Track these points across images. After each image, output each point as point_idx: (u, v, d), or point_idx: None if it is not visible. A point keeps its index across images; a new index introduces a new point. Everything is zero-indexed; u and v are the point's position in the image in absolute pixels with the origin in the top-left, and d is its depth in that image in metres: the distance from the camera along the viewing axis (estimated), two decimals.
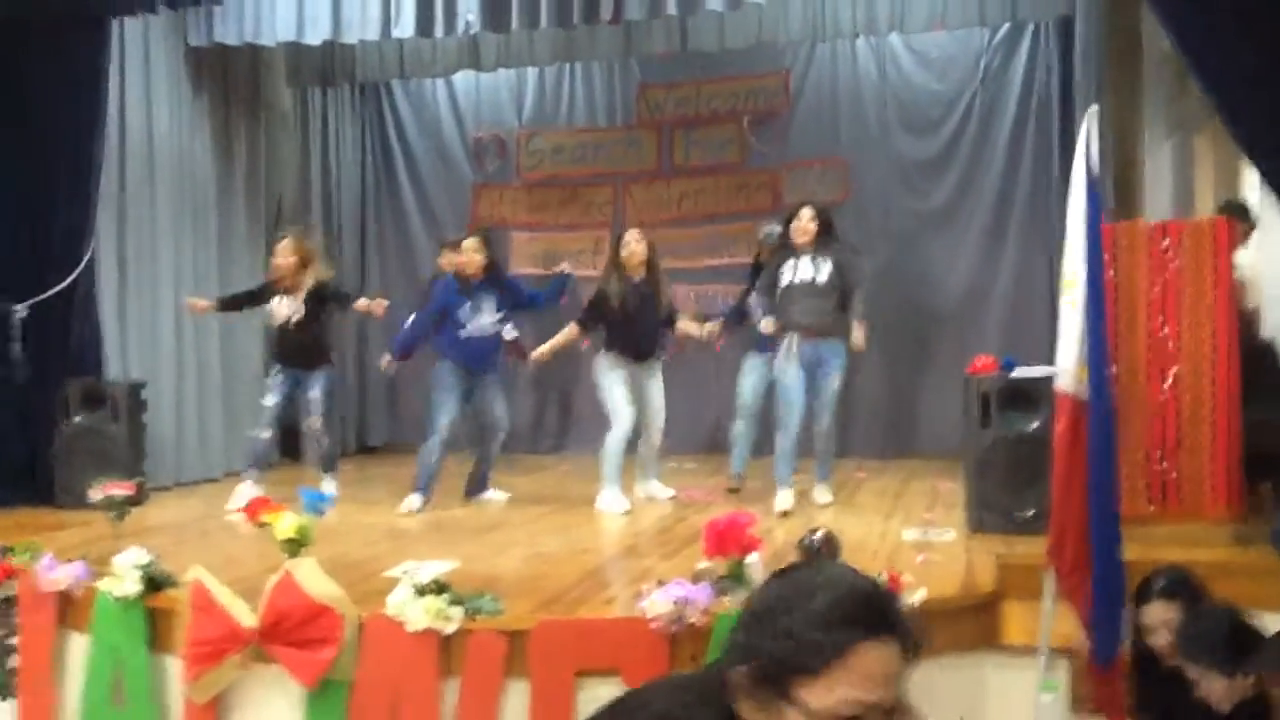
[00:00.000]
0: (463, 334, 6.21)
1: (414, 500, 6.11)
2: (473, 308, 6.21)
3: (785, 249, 6.01)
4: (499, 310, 6.30)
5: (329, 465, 6.69)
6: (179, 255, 7.50)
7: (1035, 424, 4.89)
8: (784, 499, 5.78)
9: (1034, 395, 4.91)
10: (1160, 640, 3.17)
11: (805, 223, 5.91)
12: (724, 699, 1.34)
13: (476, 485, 6.48)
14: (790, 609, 1.31)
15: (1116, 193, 6.57)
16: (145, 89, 7.23)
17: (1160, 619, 3.18)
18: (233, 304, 6.83)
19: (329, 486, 6.43)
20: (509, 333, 6.74)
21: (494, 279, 6.38)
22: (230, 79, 8.01)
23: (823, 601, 1.30)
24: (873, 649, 1.28)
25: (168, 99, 7.42)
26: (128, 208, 7.06)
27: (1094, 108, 3.81)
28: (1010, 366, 5.18)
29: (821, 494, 5.98)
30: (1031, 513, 4.68)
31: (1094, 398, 3.61)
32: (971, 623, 3.90)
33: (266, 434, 6.55)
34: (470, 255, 6.28)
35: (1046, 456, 3.85)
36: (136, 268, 7.13)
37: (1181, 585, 3.25)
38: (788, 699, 1.28)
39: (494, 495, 6.47)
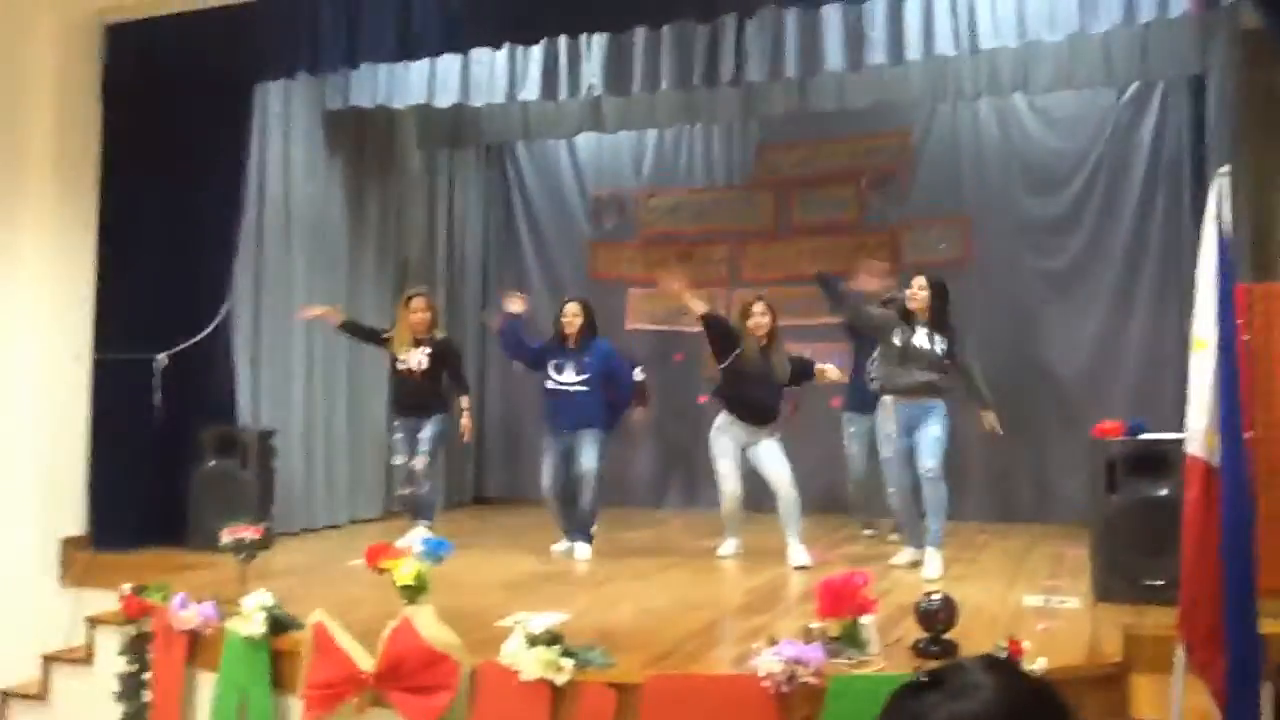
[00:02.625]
0: (548, 384, 6.47)
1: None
2: (558, 366, 6.46)
3: (900, 315, 5.94)
4: (582, 374, 6.45)
5: (424, 513, 6.83)
6: (311, 305, 7.77)
7: (1165, 490, 4.72)
8: (904, 556, 5.88)
9: (1163, 460, 4.75)
10: None
11: (915, 290, 5.86)
12: None
13: (570, 534, 6.56)
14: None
15: (1254, 254, 6.33)
16: (284, 149, 7.56)
17: None
18: (355, 329, 7.14)
19: (419, 533, 6.57)
20: (638, 374, 6.86)
21: (585, 345, 6.52)
22: (363, 140, 8.33)
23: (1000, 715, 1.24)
24: None
25: (304, 159, 7.76)
26: (265, 262, 7.37)
27: (1225, 166, 3.71)
28: (1138, 430, 5.02)
29: (930, 565, 5.66)
30: (1161, 582, 4.49)
31: (1227, 463, 3.47)
32: (1097, 695, 3.76)
33: (407, 491, 6.87)
34: (571, 319, 6.48)
35: (1176, 523, 3.70)
36: (271, 320, 7.41)
37: None
38: None
39: (578, 549, 6.46)
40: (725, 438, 6.25)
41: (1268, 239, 6.46)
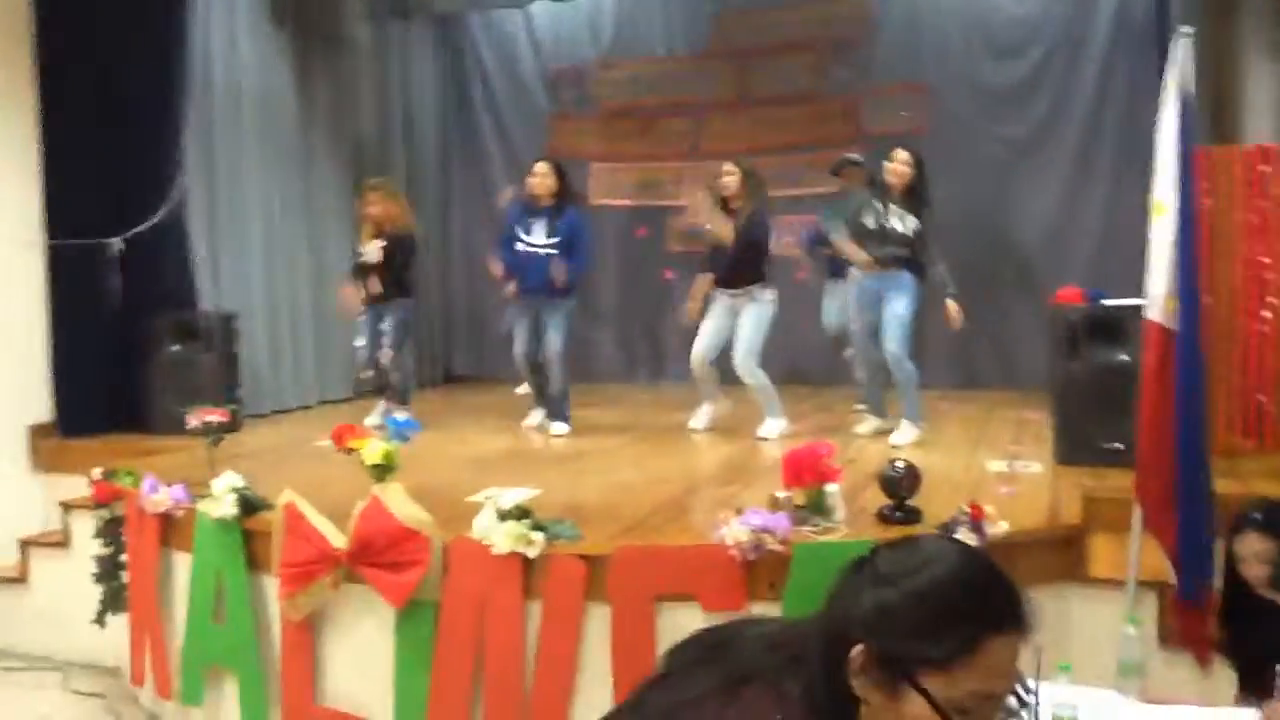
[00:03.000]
0: (517, 246, 6.39)
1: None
2: (526, 226, 6.38)
3: (874, 187, 5.89)
4: (552, 236, 6.35)
5: (400, 398, 6.85)
6: (267, 188, 7.64)
7: (1123, 355, 4.79)
8: (867, 424, 6.01)
9: (1122, 326, 4.81)
10: (1254, 571, 3.12)
11: (898, 164, 5.76)
12: (814, 662, 1.32)
13: (546, 413, 6.60)
14: (916, 591, 1.28)
15: (1213, 117, 6.32)
16: (229, 23, 7.32)
17: (1253, 550, 3.12)
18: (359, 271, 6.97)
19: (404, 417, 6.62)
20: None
21: (558, 209, 6.40)
22: (309, 12, 8.05)
23: (951, 593, 1.28)
24: (1000, 644, 1.27)
25: (249, 34, 7.51)
26: (215, 144, 7.19)
27: (1185, 29, 3.67)
28: (1097, 297, 5.07)
29: (902, 433, 5.76)
30: (1119, 445, 4.60)
31: (1184, 328, 3.53)
32: (1057, 555, 3.88)
33: (369, 373, 6.93)
34: (541, 178, 6.37)
35: (1135, 388, 3.78)
36: (227, 202, 7.27)
37: (1278, 518, 3.18)
38: (911, 684, 1.26)
39: (554, 426, 6.49)
40: (712, 305, 6.23)
41: (1228, 102, 6.45)
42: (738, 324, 6.11)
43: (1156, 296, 3.61)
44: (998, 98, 8.08)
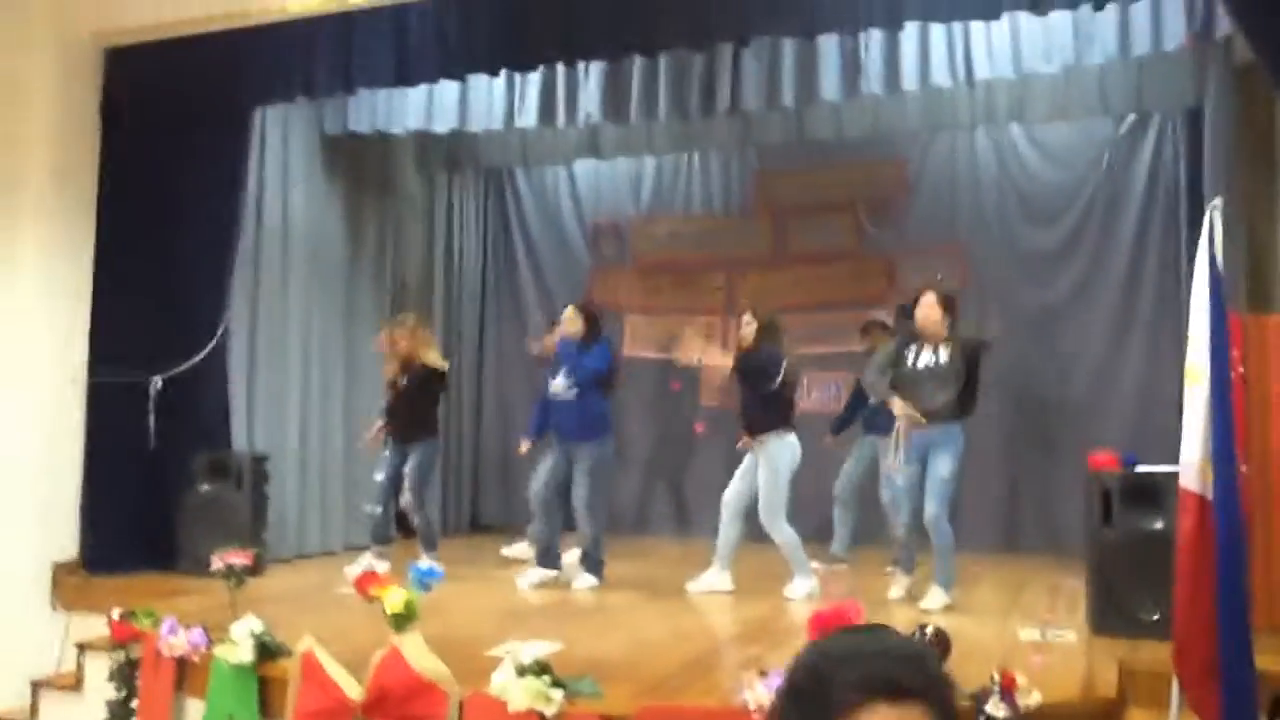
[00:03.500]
0: (548, 393, 6.45)
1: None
2: (552, 374, 6.45)
3: (908, 335, 5.90)
4: (569, 380, 6.36)
5: (426, 544, 6.79)
6: (307, 331, 7.78)
7: (1160, 522, 4.70)
8: (899, 588, 5.80)
9: (1159, 492, 4.74)
10: None
11: (926, 309, 5.72)
12: None
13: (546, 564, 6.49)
14: (821, 664, 1.35)
15: (1249, 286, 6.34)
16: (282, 173, 7.59)
17: None
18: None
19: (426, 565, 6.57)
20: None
21: (584, 350, 6.42)
22: (361, 165, 8.35)
23: (849, 661, 1.33)
24: (886, 711, 1.29)
25: (303, 183, 7.77)
26: (261, 286, 7.37)
27: (1218, 200, 3.72)
28: (1132, 463, 5.00)
29: (932, 597, 5.55)
30: (1156, 616, 4.47)
31: (1220, 496, 3.46)
32: None
33: (377, 510, 6.86)
34: (566, 326, 6.47)
35: (1172, 557, 3.68)
36: (267, 344, 7.41)
37: None
38: None
39: (581, 578, 6.38)
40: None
41: (1262, 270, 6.48)
42: (758, 475, 6.07)
43: (1191, 464, 3.55)
44: (1035, 260, 8.15)
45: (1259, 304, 6.23)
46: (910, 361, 5.75)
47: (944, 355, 5.69)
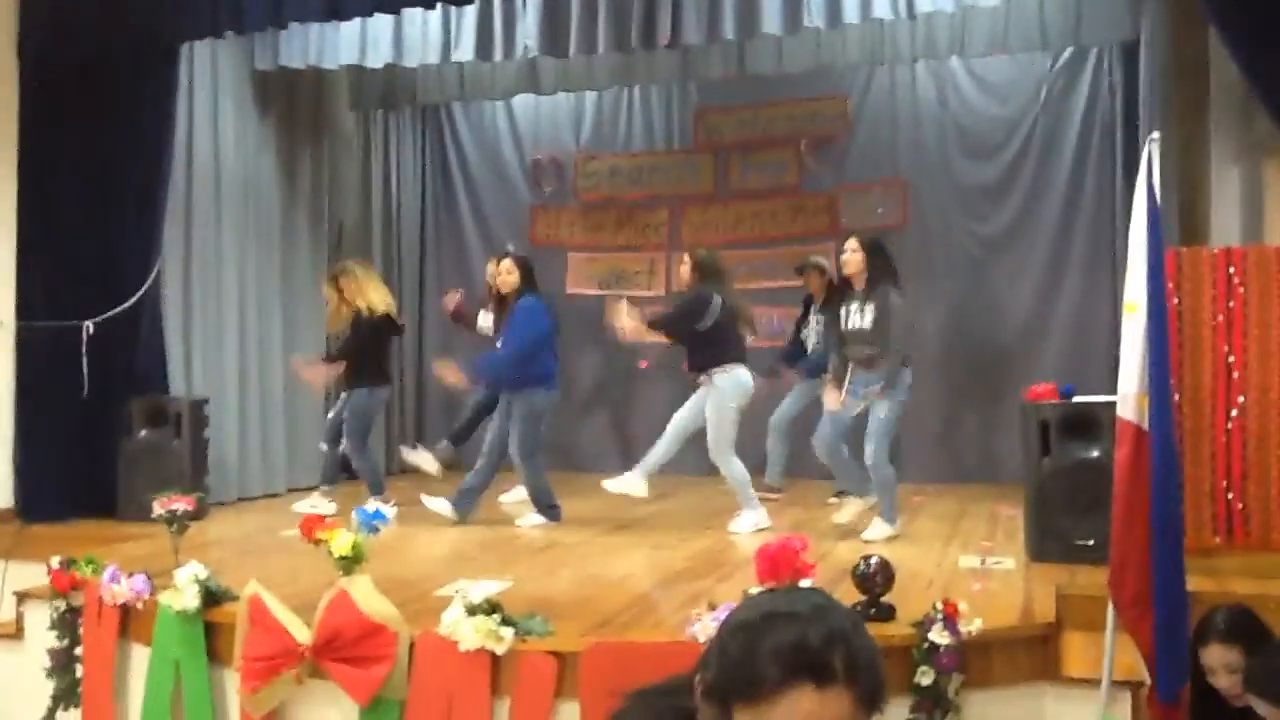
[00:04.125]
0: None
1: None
2: (492, 324, 6.49)
3: (844, 286, 5.92)
4: (500, 334, 6.44)
5: (374, 489, 6.76)
6: (243, 273, 7.63)
7: (1096, 452, 4.81)
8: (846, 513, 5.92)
9: (1095, 423, 4.84)
10: (1222, 682, 3.10)
11: (848, 253, 5.77)
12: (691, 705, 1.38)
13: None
14: (750, 632, 1.32)
15: (1182, 219, 6.45)
16: (212, 111, 7.38)
17: (1220, 661, 3.10)
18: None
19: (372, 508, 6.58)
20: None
21: (515, 304, 6.38)
22: (294, 102, 8.16)
23: (778, 635, 1.30)
24: (811, 695, 1.27)
25: (234, 121, 7.58)
26: (193, 227, 7.21)
27: (1155, 134, 3.75)
28: (1069, 394, 5.10)
29: (875, 529, 5.66)
30: (1092, 542, 4.58)
31: (1156, 426, 3.54)
32: (1030, 653, 3.83)
33: (323, 448, 6.90)
34: (504, 276, 6.42)
35: (1106, 485, 3.77)
36: (201, 286, 7.26)
37: (1242, 626, 3.16)
38: (728, 717, 1.30)
39: (529, 518, 6.40)
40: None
41: (1195, 204, 6.58)
42: (705, 411, 6.10)
43: (1128, 395, 3.63)
44: (974, 195, 8.21)
45: (1191, 237, 6.35)
46: (845, 321, 5.79)
47: (869, 317, 5.67)
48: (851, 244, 5.80)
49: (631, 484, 6.19)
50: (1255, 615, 3.24)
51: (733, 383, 6.06)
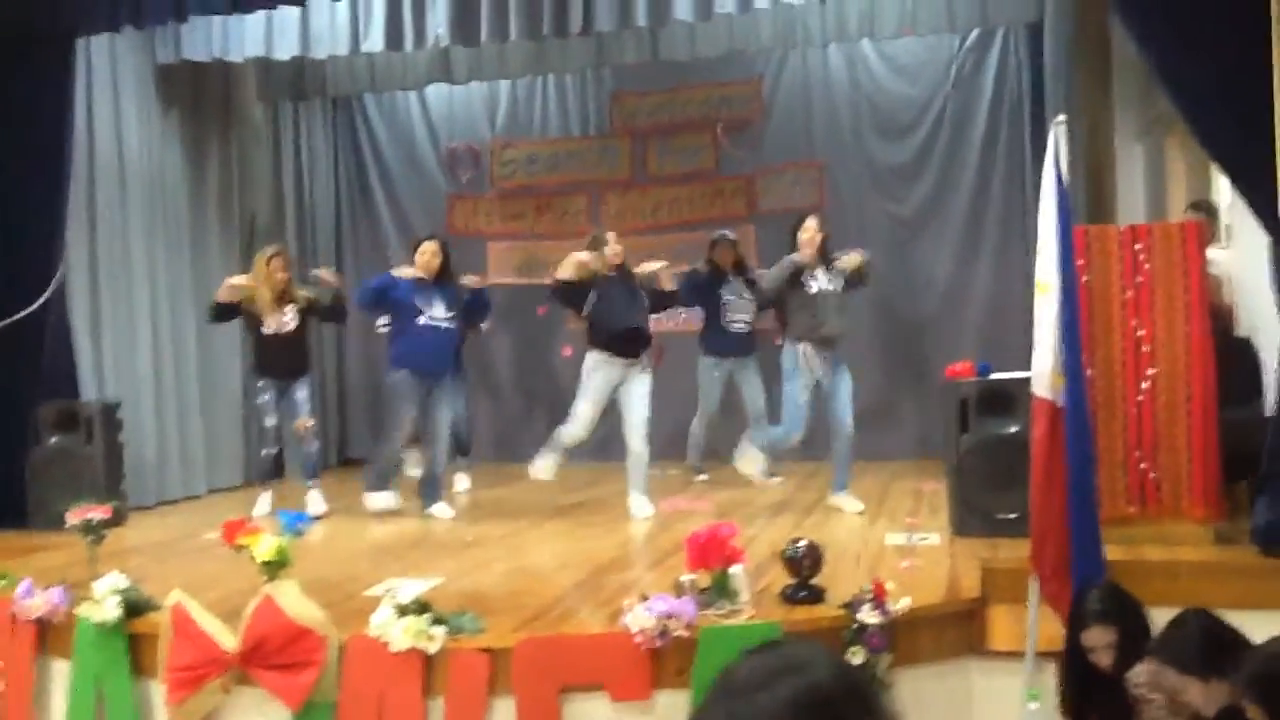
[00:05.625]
0: (420, 320, 6.32)
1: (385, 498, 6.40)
2: (427, 301, 6.35)
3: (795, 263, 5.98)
4: (451, 309, 6.41)
5: (312, 472, 6.72)
6: (153, 272, 7.44)
7: (1014, 427, 4.91)
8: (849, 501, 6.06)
9: (1012, 398, 4.94)
10: (1104, 660, 3.21)
11: (811, 233, 5.97)
12: None
13: (429, 493, 6.46)
14: (768, 705, 1.22)
15: (1089, 196, 6.61)
16: (114, 106, 7.17)
17: (1102, 641, 3.21)
18: (221, 311, 6.78)
19: (314, 495, 6.62)
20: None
21: (446, 282, 6.47)
22: (200, 95, 7.97)
23: (801, 706, 1.22)
24: None
25: (137, 116, 7.37)
26: (99, 226, 7.01)
27: (1061, 116, 3.84)
28: (986, 371, 5.20)
29: (851, 502, 5.97)
30: (1014, 515, 4.69)
31: (1070, 402, 3.63)
32: (957, 629, 3.91)
33: (273, 451, 6.81)
34: (431, 257, 6.38)
35: (1025, 459, 3.86)
36: (110, 286, 7.07)
37: (1115, 606, 3.27)
38: None
39: (438, 509, 6.38)
40: (598, 375, 6.16)
41: (1101, 181, 6.75)
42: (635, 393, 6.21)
43: (1042, 373, 3.71)
44: (888, 175, 8.32)
45: (1098, 214, 6.50)
46: (814, 287, 5.94)
47: (838, 281, 5.98)
48: (814, 222, 6.06)
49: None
50: (1125, 592, 3.35)
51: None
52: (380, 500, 6.37)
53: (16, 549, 5.59)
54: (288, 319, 6.63)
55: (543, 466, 6.35)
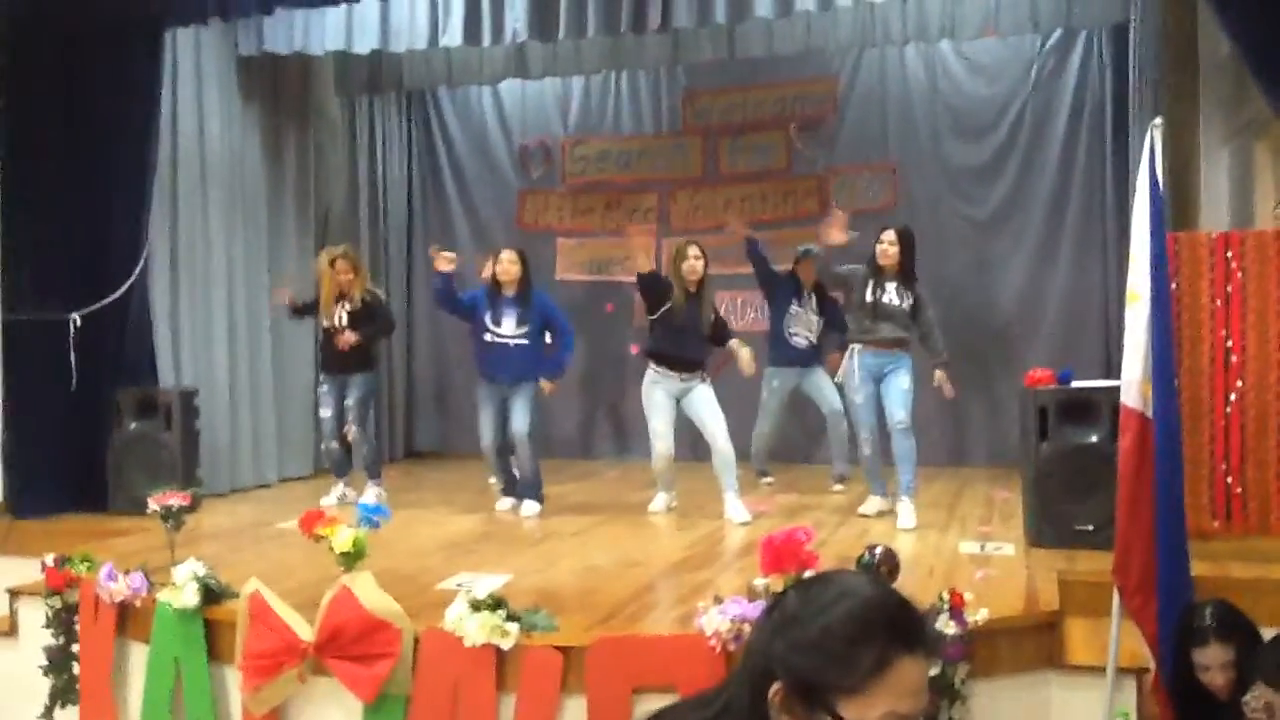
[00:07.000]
0: (485, 336, 6.32)
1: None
2: (495, 317, 6.31)
3: (870, 270, 5.91)
4: (522, 325, 6.33)
5: (372, 471, 6.81)
6: (230, 261, 7.56)
7: (1094, 437, 4.82)
8: (871, 504, 5.97)
9: (1093, 408, 4.85)
10: (1218, 680, 3.12)
11: (886, 246, 5.86)
12: (743, 714, 1.36)
13: (517, 493, 6.49)
14: (826, 623, 1.32)
15: (1172, 201, 6.44)
16: (197, 97, 7.29)
17: (1219, 660, 3.12)
18: (303, 308, 7.04)
19: (371, 492, 6.66)
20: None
21: (525, 297, 6.38)
22: (279, 87, 8.07)
23: (858, 617, 1.32)
24: (909, 664, 1.31)
25: (219, 107, 7.48)
26: (179, 215, 7.13)
27: (1158, 120, 3.74)
28: (1067, 379, 5.11)
29: (904, 516, 5.65)
30: (1092, 526, 4.60)
31: (1160, 414, 3.54)
32: (1035, 641, 3.84)
33: (333, 445, 6.84)
34: (508, 265, 6.34)
35: (1105, 469, 3.79)
36: (189, 274, 7.19)
37: (1233, 622, 3.18)
38: (828, 712, 1.30)
39: (525, 505, 6.37)
40: (658, 391, 6.17)
41: (1185, 187, 6.59)
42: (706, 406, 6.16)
43: (1132, 382, 3.63)
44: (964, 176, 8.20)
45: (1181, 220, 6.35)
46: (873, 296, 5.84)
47: (906, 301, 5.87)
48: (890, 236, 5.89)
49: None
50: (1239, 610, 3.26)
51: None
52: (524, 510, 6.36)
53: (95, 532, 5.72)
54: (342, 317, 6.71)
55: (658, 509, 6.30)
